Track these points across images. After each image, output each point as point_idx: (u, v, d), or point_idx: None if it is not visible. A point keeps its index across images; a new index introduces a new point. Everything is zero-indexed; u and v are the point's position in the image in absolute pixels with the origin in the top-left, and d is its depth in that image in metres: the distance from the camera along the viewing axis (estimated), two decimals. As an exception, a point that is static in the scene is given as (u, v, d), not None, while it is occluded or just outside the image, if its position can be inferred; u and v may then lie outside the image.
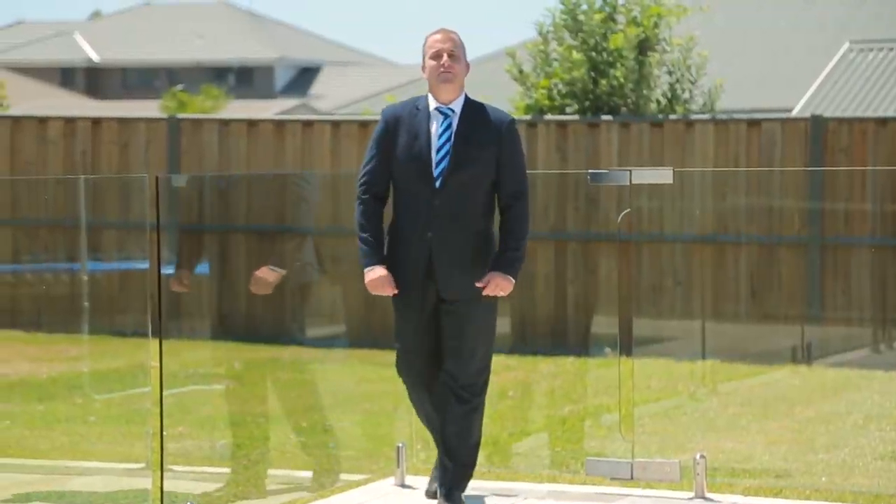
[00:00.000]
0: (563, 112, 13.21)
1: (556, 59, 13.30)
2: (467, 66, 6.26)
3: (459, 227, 6.17)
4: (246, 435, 8.51)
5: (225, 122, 13.68)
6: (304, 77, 48.18)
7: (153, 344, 6.38)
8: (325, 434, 8.79)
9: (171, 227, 12.96)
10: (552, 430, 9.04)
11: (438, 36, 6.29)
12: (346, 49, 52.15)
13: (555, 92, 13.27)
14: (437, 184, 6.15)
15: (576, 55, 13.03)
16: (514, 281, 6.20)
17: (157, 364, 6.37)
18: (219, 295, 13.03)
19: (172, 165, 13.55)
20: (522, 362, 11.97)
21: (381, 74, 43.46)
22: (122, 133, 13.76)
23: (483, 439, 8.56)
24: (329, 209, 13.09)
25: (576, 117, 12.95)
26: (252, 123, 13.57)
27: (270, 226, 12.86)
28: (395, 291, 6.19)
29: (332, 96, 42.01)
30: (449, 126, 6.21)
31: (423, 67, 6.28)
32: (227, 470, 7.68)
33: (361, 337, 12.68)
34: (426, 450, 8.18)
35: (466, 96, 6.29)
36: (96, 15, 63.78)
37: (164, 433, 6.49)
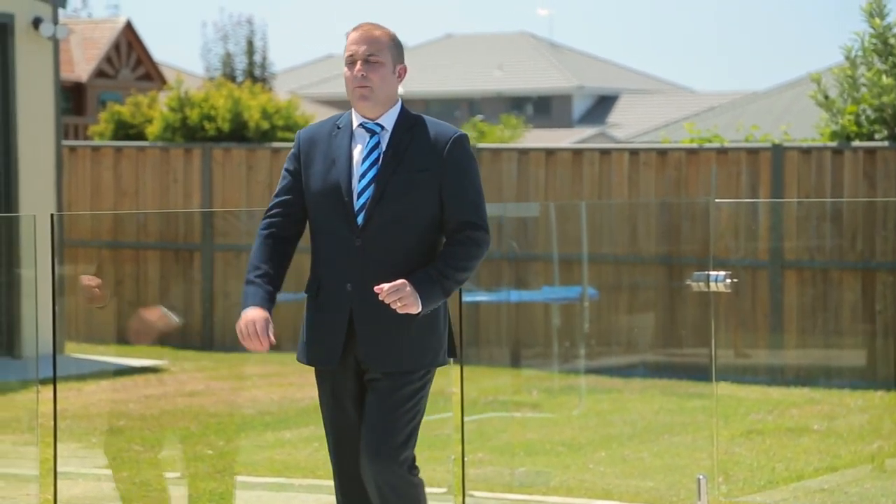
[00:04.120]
0: (871, 139, 12.78)
1: (864, 85, 12.89)
2: (400, 70, 4.80)
3: (390, 275, 4.67)
4: (544, 462, 8.53)
5: (523, 152, 13.80)
6: (602, 105, 48.27)
7: (454, 370, 6.46)
8: (623, 464, 8.72)
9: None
10: (861, 466, 8.72)
11: (355, 34, 4.79)
12: (644, 77, 51.97)
13: (863, 118, 12.86)
14: (360, 219, 4.73)
15: (886, 80, 12.60)
16: (420, 308, 4.66)
17: (458, 390, 6.45)
18: (515, 323, 13.14)
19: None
20: (828, 395, 11.62)
21: (679, 102, 43.12)
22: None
23: (786, 474, 8.36)
24: (625, 236, 13.02)
25: (885, 144, 12.52)
26: (550, 152, 13.64)
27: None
28: (266, 347, 4.71)
29: (629, 124, 41.93)
30: (377, 146, 4.78)
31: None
32: (526, 497, 7.70)
33: (661, 367, 12.55)
34: (727, 483, 8.01)
35: (403, 108, 4.83)
36: (400, 48, 65.66)
37: (465, 459, 6.56)
